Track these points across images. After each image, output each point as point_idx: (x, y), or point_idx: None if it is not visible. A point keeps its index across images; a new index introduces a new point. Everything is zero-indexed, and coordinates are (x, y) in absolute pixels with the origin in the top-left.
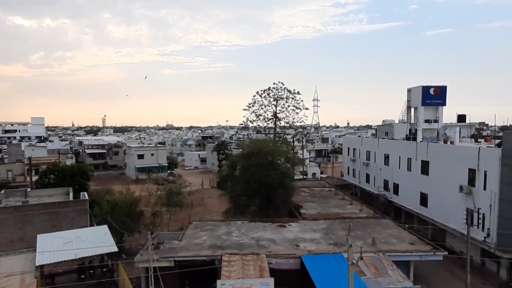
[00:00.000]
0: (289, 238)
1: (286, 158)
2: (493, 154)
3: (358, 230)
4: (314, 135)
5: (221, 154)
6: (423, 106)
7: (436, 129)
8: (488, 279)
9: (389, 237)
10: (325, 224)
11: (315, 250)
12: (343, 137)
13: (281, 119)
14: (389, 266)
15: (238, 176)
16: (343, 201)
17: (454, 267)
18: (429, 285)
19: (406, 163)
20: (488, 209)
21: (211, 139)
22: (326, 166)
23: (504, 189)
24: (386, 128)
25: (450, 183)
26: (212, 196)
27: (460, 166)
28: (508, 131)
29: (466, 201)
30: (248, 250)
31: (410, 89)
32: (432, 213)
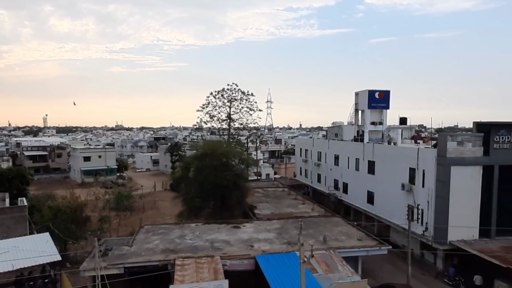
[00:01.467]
0: (243, 239)
1: (240, 159)
2: (430, 154)
3: (310, 228)
4: (267, 136)
5: (175, 155)
6: (369, 109)
7: (381, 131)
8: (426, 269)
9: (339, 234)
10: (279, 223)
11: (269, 250)
12: (295, 138)
13: (235, 120)
14: (339, 262)
15: (192, 178)
16: (296, 200)
17: (397, 260)
18: (376, 278)
19: (354, 163)
20: (426, 205)
21: (164, 140)
22: (280, 167)
23: (439, 186)
24: (336, 130)
25: (393, 182)
26: (165, 199)
27: (402, 165)
28: (442, 133)
29: (407, 198)
30: (202, 253)
31: (358, 92)
32: (378, 210)
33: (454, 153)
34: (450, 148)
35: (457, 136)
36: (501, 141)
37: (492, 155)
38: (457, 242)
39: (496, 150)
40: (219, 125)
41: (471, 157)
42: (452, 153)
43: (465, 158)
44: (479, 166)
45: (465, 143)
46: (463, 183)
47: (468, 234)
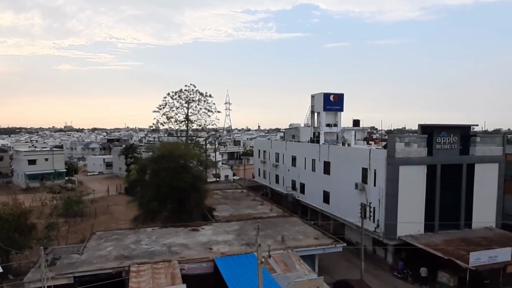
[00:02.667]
0: (202, 242)
1: (199, 161)
2: (380, 154)
3: (269, 229)
4: (226, 138)
5: (130, 157)
6: (324, 111)
7: (336, 132)
8: (378, 264)
9: (297, 234)
10: (238, 225)
11: (228, 252)
12: (254, 140)
13: (193, 121)
14: (296, 261)
15: (148, 181)
16: (255, 201)
17: (352, 256)
18: (332, 274)
19: (311, 164)
20: (378, 203)
21: (118, 142)
22: (239, 168)
23: (389, 185)
24: (293, 131)
25: (347, 181)
26: (120, 203)
27: (355, 165)
28: (392, 135)
29: (361, 197)
30: (159, 258)
31: (314, 95)
32: (333, 209)
33: (402, 153)
34: (398, 149)
35: (405, 137)
36: (443, 142)
37: (435, 155)
38: (405, 237)
39: (439, 150)
40: (177, 126)
41: (416, 157)
42: (400, 154)
43: (412, 158)
44: (424, 165)
45: (412, 144)
46: (410, 181)
47: (415, 229)
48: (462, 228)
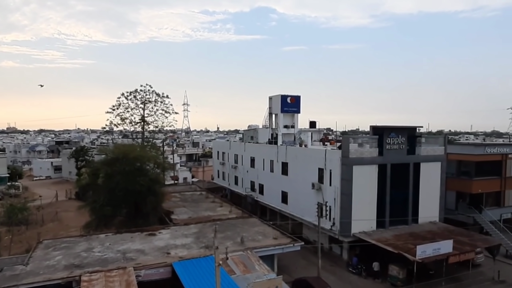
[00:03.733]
0: (159, 247)
1: (156, 163)
2: (336, 155)
3: (228, 230)
4: (185, 140)
5: (81, 161)
6: (282, 113)
7: (293, 133)
8: (334, 261)
9: (256, 235)
10: (197, 228)
11: (187, 256)
12: (213, 142)
13: (149, 123)
14: (256, 262)
15: (101, 185)
16: (214, 203)
17: (310, 255)
18: (290, 273)
19: (269, 165)
20: (333, 202)
21: (68, 144)
22: (197, 170)
23: (344, 184)
24: (251, 133)
25: (305, 181)
26: (70, 209)
27: (312, 166)
28: (346, 136)
29: (317, 196)
30: (113, 265)
31: (271, 97)
32: (291, 209)
33: (355, 154)
34: (352, 149)
35: (358, 138)
36: (392, 142)
37: (385, 155)
38: (359, 233)
39: (388, 150)
40: (132, 128)
41: (369, 157)
42: (354, 154)
43: (364, 158)
44: (375, 165)
45: (364, 144)
46: (363, 180)
47: (368, 226)
48: (410, 223)
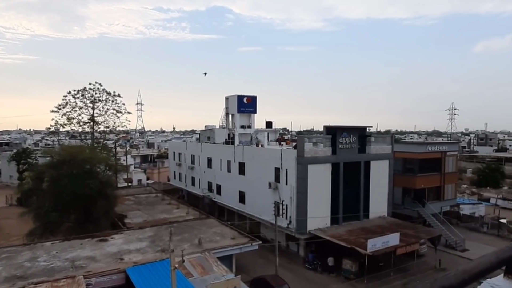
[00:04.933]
0: (111, 252)
1: (107, 165)
2: (291, 154)
3: (186, 232)
4: (139, 140)
5: (23, 164)
6: (238, 113)
7: (250, 133)
8: (292, 258)
9: (214, 235)
10: (152, 231)
11: (142, 261)
12: (169, 142)
13: (99, 123)
14: (214, 263)
15: (47, 189)
16: (170, 205)
17: (268, 253)
18: (249, 273)
19: (226, 165)
20: (290, 200)
21: (8, 146)
22: (153, 172)
23: (299, 183)
24: (208, 133)
25: (261, 181)
26: (10, 216)
27: (268, 165)
28: (301, 136)
29: (274, 196)
30: (61, 275)
31: (228, 97)
32: (249, 209)
33: (310, 153)
34: (307, 148)
35: (312, 138)
36: (344, 142)
37: (338, 154)
38: (315, 230)
39: (341, 149)
40: (81, 128)
41: (323, 156)
42: (309, 153)
43: (319, 157)
44: (329, 163)
45: (318, 144)
46: (317, 179)
47: (323, 222)
48: (362, 218)
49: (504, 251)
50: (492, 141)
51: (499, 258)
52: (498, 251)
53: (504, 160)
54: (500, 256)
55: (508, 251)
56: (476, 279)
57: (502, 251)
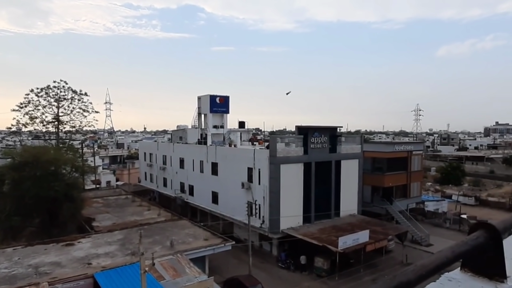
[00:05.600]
0: (78, 257)
1: (73, 167)
2: (264, 154)
3: (157, 234)
4: (108, 141)
5: None
6: (211, 113)
7: (223, 134)
8: (265, 258)
9: (186, 237)
10: (122, 234)
11: (111, 265)
12: (139, 142)
13: (65, 123)
14: (186, 265)
15: (7, 193)
16: (141, 207)
17: (241, 253)
18: (222, 273)
19: (199, 166)
20: (263, 200)
21: None
22: (122, 173)
23: (272, 183)
24: (180, 133)
25: (234, 181)
26: None
27: (241, 165)
28: (273, 136)
29: (247, 195)
30: (23, 282)
31: (200, 97)
32: (222, 209)
33: (282, 153)
34: (279, 148)
35: (285, 138)
36: (316, 142)
37: (310, 153)
38: (287, 229)
39: (313, 149)
40: (44, 128)
41: (295, 156)
42: (281, 153)
43: (291, 157)
44: (301, 163)
45: (291, 144)
46: (290, 178)
47: (295, 221)
48: (333, 217)
49: (459, 245)
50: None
51: (454, 253)
52: (453, 246)
53: (464, 158)
54: (455, 250)
55: (463, 245)
56: (433, 274)
57: (458, 245)
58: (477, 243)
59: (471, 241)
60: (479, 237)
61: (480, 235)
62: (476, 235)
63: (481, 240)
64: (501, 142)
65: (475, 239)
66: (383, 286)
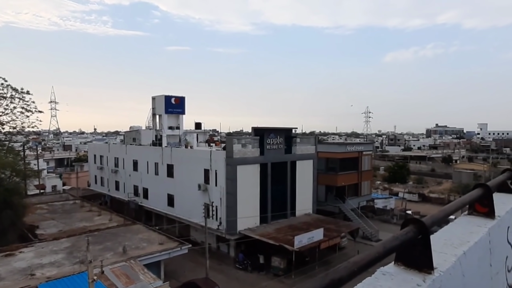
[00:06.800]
0: (20, 268)
1: (14, 171)
2: (220, 156)
3: (108, 241)
4: (53, 142)
5: None
6: (166, 114)
7: (178, 135)
8: (222, 259)
9: (140, 242)
10: (69, 242)
11: (57, 275)
12: (89, 144)
13: (4, 123)
14: (140, 271)
15: None
16: (91, 212)
17: (198, 256)
18: (178, 278)
19: (154, 168)
20: (219, 201)
21: None
22: (70, 177)
23: (229, 184)
24: (133, 134)
25: (191, 183)
26: None
27: (198, 167)
28: (230, 137)
29: (204, 197)
30: None
31: (155, 97)
32: (178, 212)
33: (239, 154)
34: (236, 150)
35: (242, 139)
36: (272, 143)
37: (266, 154)
38: (244, 230)
39: (269, 150)
40: None
41: (251, 157)
42: (238, 154)
43: (247, 158)
44: (257, 164)
45: (247, 145)
46: (246, 179)
47: (252, 222)
48: (289, 216)
49: (390, 241)
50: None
51: (386, 248)
52: (385, 242)
53: (409, 158)
54: (387, 246)
55: (394, 240)
56: (365, 269)
57: (389, 241)
58: (407, 238)
59: (402, 236)
60: (409, 232)
61: (410, 230)
62: (407, 231)
63: (411, 235)
64: (441, 143)
65: (405, 234)
66: (316, 284)
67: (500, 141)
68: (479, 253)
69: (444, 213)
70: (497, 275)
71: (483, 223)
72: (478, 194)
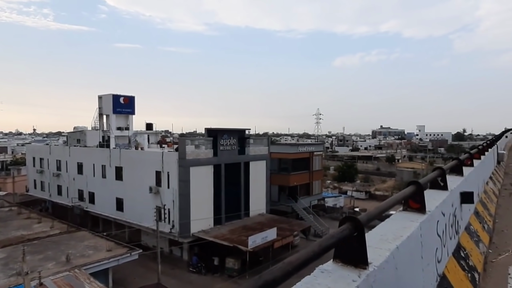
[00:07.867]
0: None
1: None
2: (173, 157)
3: (50, 250)
4: None
5: None
6: (114, 114)
7: (128, 136)
8: (175, 263)
9: (86, 250)
10: (5, 252)
11: None
12: (27, 146)
13: None
14: (86, 280)
15: None
16: (30, 220)
17: (150, 261)
18: (128, 285)
19: (100, 171)
20: (172, 204)
21: None
22: (5, 181)
23: (181, 186)
24: (78, 135)
25: (142, 186)
26: None
27: (149, 169)
28: (182, 138)
29: (155, 200)
30: None
31: (101, 96)
32: (128, 216)
33: (192, 155)
34: (189, 151)
35: (195, 140)
36: (225, 144)
37: (219, 155)
38: (198, 233)
39: (222, 151)
40: None
41: (204, 158)
42: (191, 155)
43: (201, 159)
44: (211, 165)
45: (200, 146)
46: (200, 181)
47: (206, 224)
48: (243, 217)
49: (326, 239)
50: (348, 142)
51: (321, 246)
52: (322, 240)
53: (357, 158)
54: (323, 244)
55: (330, 239)
56: (301, 269)
57: (325, 239)
58: (343, 235)
59: (338, 234)
60: (345, 230)
61: (346, 228)
62: (343, 228)
63: (346, 233)
64: (385, 143)
65: (341, 232)
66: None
67: (435, 142)
68: (411, 247)
69: (380, 210)
70: (428, 266)
71: (415, 218)
72: (411, 191)
